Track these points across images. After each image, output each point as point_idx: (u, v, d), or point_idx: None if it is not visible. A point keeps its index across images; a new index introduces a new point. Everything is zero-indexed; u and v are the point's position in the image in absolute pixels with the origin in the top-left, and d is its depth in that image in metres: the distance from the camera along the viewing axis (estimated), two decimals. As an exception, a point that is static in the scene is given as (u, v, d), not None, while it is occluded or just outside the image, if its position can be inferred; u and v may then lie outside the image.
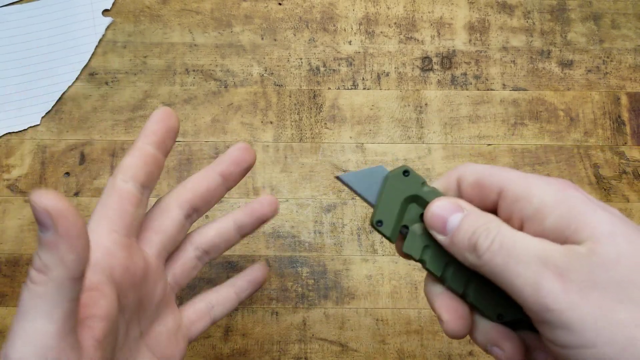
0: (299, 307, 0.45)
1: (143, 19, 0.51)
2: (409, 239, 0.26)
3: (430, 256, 0.26)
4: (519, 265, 0.21)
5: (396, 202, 0.26)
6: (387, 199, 0.27)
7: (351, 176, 0.28)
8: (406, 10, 0.52)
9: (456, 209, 0.24)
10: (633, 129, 0.49)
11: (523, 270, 0.21)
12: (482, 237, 0.22)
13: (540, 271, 0.20)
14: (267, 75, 0.50)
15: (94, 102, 0.49)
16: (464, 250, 0.23)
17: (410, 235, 0.26)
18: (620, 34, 0.51)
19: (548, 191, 0.22)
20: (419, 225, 0.26)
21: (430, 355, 0.44)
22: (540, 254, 0.21)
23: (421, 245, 0.26)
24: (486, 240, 0.22)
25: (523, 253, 0.21)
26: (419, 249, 0.26)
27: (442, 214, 0.24)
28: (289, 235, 0.46)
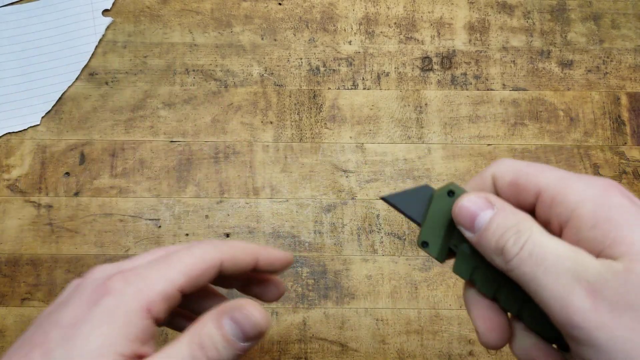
0: (299, 307, 0.45)
1: (143, 19, 0.51)
2: (458, 260, 0.25)
3: (481, 277, 0.25)
4: (547, 276, 0.20)
5: (442, 222, 0.26)
6: (433, 219, 0.26)
7: (397, 197, 0.27)
8: (406, 10, 0.52)
9: (487, 205, 0.23)
10: (633, 129, 0.49)
11: (552, 282, 0.20)
12: (510, 242, 0.21)
13: (571, 286, 0.19)
14: (267, 75, 0.50)
15: (94, 102, 0.49)
16: (491, 252, 0.22)
17: (459, 255, 0.25)
18: (620, 34, 0.51)
19: (588, 196, 0.21)
20: (467, 245, 0.25)
21: (430, 355, 0.44)
22: (572, 267, 0.20)
23: (470, 266, 0.25)
24: (515, 246, 0.21)
25: (553, 264, 0.20)
26: (468, 270, 0.25)
27: (472, 209, 0.23)
28: (289, 235, 0.46)
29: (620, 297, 0.19)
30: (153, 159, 0.48)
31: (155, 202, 0.47)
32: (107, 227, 0.46)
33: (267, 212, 0.47)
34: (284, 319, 0.45)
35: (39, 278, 0.45)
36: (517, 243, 0.21)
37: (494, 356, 0.44)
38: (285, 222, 0.47)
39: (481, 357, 0.44)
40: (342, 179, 0.48)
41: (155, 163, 0.48)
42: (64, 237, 0.46)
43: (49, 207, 0.47)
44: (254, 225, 0.47)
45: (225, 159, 0.48)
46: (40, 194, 0.47)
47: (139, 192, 0.47)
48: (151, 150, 0.48)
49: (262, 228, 0.47)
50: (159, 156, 0.48)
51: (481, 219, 0.23)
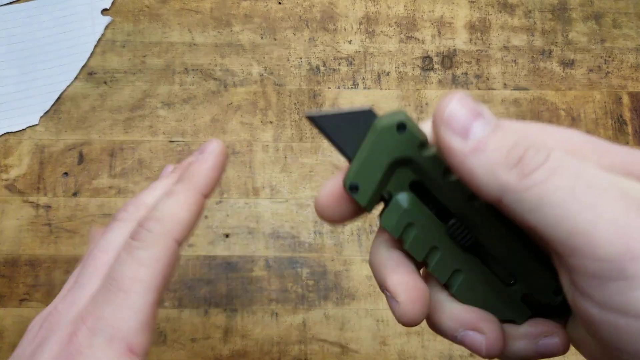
0: (299, 308, 0.45)
1: (142, 18, 0.51)
2: (390, 211, 0.21)
3: (413, 236, 0.21)
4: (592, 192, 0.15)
5: (381, 163, 0.20)
6: (370, 157, 0.20)
7: (328, 118, 0.21)
8: (407, 9, 0.51)
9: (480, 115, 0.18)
10: (635, 128, 0.49)
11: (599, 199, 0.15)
12: (531, 151, 0.16)
13: (625, 205, 0.15)
14: (267, 74, 0.50)
15: (92, 101, 0.49)
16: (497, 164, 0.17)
17: (392, 205, 0.21)
18: (622, 34, 0.51)
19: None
20: (406, 195, 0.21)
21: (431, 357, 0.44)
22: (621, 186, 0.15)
23: (404, 222, 0.21)
24: (538, 155, 0.16)
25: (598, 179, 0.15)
26: (400, 226, 0.21)
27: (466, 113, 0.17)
28: (288, 235, 0.46)
29: None
30: (152, 159, 0.48)
31: (154, 202, 0.47)
32: (106, 228, 0.46)
33: (266, 212, 0.47)
34: (283, 320, 0.45)
35: (37, 279, 0.45)
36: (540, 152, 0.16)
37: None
38: (285, 222, 0.46)
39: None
40: (343, 179, 0.47)
41: (154, 163, 0.48)
42: (62, 238, 0.46)
43: (48, 207, 0.46)
44: (253, 225, 0.46)
45: (224, 159, 0.48)
46: (38, 194, 0.47)
47: (138, 192, 0.47)
48: (150, 150, 0.48)
49: (261, 228, 0.46)
50: (158, 156, 0.48)
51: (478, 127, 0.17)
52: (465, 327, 0.21)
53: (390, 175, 0.20)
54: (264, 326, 0.44)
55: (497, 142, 0.17)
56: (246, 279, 0.45)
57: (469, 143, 0.17)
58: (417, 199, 0.21)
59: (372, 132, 0.20)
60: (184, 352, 0.44)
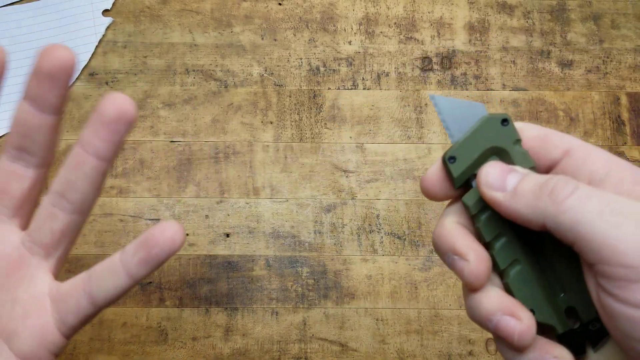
0: (299, 307, 0.45)
1: (143, 19, 0.51)
2: (474, 191, 0.24)
3: (485, 218, 0.24)
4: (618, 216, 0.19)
5: (480, 147, 0.24)
6: (473, 140, 0.24)
7: (446, 102, 0.24)
8: (406, 10, 0.52)
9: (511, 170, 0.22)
10: (633, 129, 0.49)
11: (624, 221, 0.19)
12: (560, 183, 0.20)
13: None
14: (267, 75, 0.50)
15: (94, 102, 0.49)
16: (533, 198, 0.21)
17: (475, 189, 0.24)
18: (620, 34, 0.51)
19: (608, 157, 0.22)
20: None
21: (430, 355, 0.44)
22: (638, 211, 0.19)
23: (482, 204, 0.23)
24: (567, 186, 0.20)
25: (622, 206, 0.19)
26: (477, 206, 0.24)
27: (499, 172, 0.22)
28: (289, 235, 0.47)
29: None
30: (153, 159, 0.48)
31: (155, 202, 0.47)
32: (107, 227, 0.46)
33: (267, 212, 0.47)
34: (283, 319, 0.45)
35: (39, 278, 0.45)
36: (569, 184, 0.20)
37: (493, 356, 0.44)
38: (285, 222, 0.47)
39: (481, 357, 0.44)
40: (342, 179, 0.48)
41: (155, 163, 0.48)
42: (64, 237, 0.46)
43: (49, 207, 0.47)
44: (254, 225, 0.47)
45: (225, 159, 0.48)
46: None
47: (139, 192, 0.47)
48: (151, 150, 0.48)
49: (262, 228, 0.47)
50: (159, 156, 0.48)
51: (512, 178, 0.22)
52: (504, 312, 0.22)
53: (484, 160, 0.24)
54: (265, 325, 0.45)
55: (529, 183, 0.21)
56: (247, 278, 0.46)
57: (507, 193, 0.22)
58: None
59: (481, 120, 0.24)
60: (184, 351, 0.44)
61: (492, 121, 0.24)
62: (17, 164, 0.25)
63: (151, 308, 0.45)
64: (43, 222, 0.25)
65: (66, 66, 0.23)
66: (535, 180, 0.21)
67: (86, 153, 0.24)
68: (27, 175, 0.25)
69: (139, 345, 0.44)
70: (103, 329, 0.44)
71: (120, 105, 0.23)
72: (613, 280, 0.19)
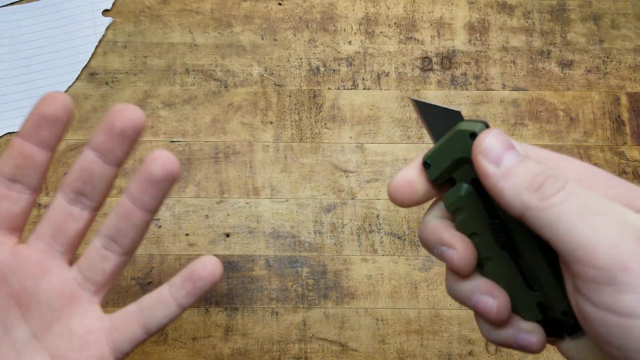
0: (299, 307, 0.45)
1: (143, 19, 0.51)
2: (451, 192, 0.25)
3: (461, 219, 0.25)
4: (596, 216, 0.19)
5: (452, 155, 0.25)
6: (445, 148, 0.25)
7: (426, 106, 0.25)
8: (406, 10, 0.52)
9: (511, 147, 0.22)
10: (633, 129, 0.49)
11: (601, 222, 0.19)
12: (551, 179, 0.21)
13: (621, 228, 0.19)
14: (267, 75, 0.50)
15: (94, 102, 0.49)
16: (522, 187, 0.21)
17: (453, 189, 0.25)
18: (620, 34, 0.51)
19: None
20: (466, 186, 0.25)
21: (430, 355, 0.44)
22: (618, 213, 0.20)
23: (458, 205, 0.25)
24: (556, 183, 0.20)
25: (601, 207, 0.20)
26: (454, 207, 0.25)
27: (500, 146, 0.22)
28: (289, 235, 0.47)
29: None
30: (153, 159, 0.48)
31: (155, 202, 0.47)
32: (107, 227, 0.46)
33: (267, 212, 0.47)
34: (283, 319, 0.45)
35: (39, 278, 0.45)
36: (558, 181, 0.20)
37: (493, 356, 0.44)
38: (285, 222, 0.47)
39: (481, 357, 0.44)
40: (342, 179, 0.48)
41: (155, 163, 0.48)
42: (64, 237, 0.46)
43: (49, 207, 0.47)
44: (254, 225, 0.47)
45: (225, 159, 0.48)
46: (40, 194, 0.47)
47: (139, 192, 0.47)
48: (151, 150, 0.48)
49: (262, 228, 0.47)
50: (159, 156, 0.48)
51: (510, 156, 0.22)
52: (482, 292, 0.24)
53: (458, 167, 0.25)
54: (265, 325, 0.45)
55: (523, 170, 0.21)
56: (247, 278, 0.46)
57: (500, 169, 0.22)
58: (474, 192, 0.25)
59: (452, 131, 0.25)
60: (184, 351, 0.44)
61: (461, 134, 0.24)
62: (74, 206, 0.27)
63: (151, 308, 0.45)
64: (95, 263, 0.28)
65: (137, 126, 0.26)
66: (530, 169, 0.21)
67: (135, 207, 0.27)
68: (82, 217, 0.28)
69: (139, 345, 0.44)
70: (103, 329, 0.44)
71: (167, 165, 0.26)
72: (587, 281, 0.20)
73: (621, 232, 0.19)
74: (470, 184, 0.25)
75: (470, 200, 0.25)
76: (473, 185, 0.25)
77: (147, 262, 0.46)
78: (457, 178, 0.25)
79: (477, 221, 0.25)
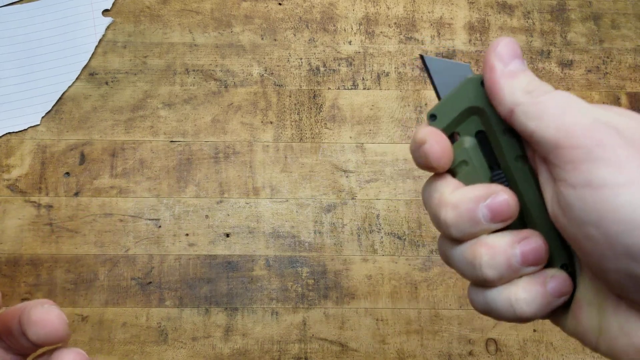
0: (299, 307, 0.45)
1: (143, 19, 0.51)
2: (454, 146, 0.26)
3: (465, 171, 0.26)
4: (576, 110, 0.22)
5: (461, 106, 0.25)
6: (454, 99, 0.25)
7: (434, 62, 0.26)
8: (406, 10, 0.52)
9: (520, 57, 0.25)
10: (633, 129, 0.49)
11: (579, 113, 0.21)
12: (544, 86, 0.23)
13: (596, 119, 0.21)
14: (267, 75, 0.50)
15: (94, 102, 0.49)
16: (517, 88, 0.23)
17: (457, 143, 0.26)
18: (620, 34, 0.51)
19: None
20: (470, 139, 0.26)
21: (430, 355, 0.44)
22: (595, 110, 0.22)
23: (461, 158, 0.25)
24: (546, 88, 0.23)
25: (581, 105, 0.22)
26: (457, 160, 0.26)
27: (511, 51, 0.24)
28: (289, 235, 0.46)
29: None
30: (153, 159, 0.48)
31: (155, 202, 0.47)
32: (107, 227, 0.46)
33: (267, 212, 0.47)
34: (283, 319, 0.45)
35: (39, 278, 0.45)
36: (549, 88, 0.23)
37: (494, 356, 0.44)
38: (285, 222, 0.47)
39: (481, 357, 0.44)
40: (342, 179, 0.48)
41: (155, 163, 0.48)
42: (64, 237, 0.46)
43: (49, 207, 0.47)
44: (254, 225, 0.47)
45: (225, 159, 0.48)
46: (40, 194, 0.47)
47: (139, 192, 0.47)
48: (151, 150, 0.48)
49: (262, 228, 0.47)
50: (159, 156, 0.48)
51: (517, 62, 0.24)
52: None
53: (464, 119, 0.25)
54: (265, 325, 0.45)
55: (524, 76, 0.24)
56: (246, 278, 0.46)
57: (507, 69, 0.24)
58: (477, 145, 0.26)
59: (462, 81, 0.25)
60: (184, 351, 0.44)
61: (472, 82, 0.25)
62: None
63: (151, 308, 0.45)
64: None
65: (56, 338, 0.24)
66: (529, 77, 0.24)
67: None
68: None
69: (138, 345, 0.44)
70: (103, 329, 0.44)
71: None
72: (566, 164, 0.21)
73: (596, 120, 0.21)
74: (474, 137, 0.26)
75: (474, 152, 0.25)
76: (477, 139, 0.26)
77: (147, 262, 0.46)
78: (461, 132, 0.26)
79: (480, 174, 0.25)
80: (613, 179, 0.20)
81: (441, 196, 0.25)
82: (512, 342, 0.44)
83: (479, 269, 0.24)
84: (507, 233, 0.24)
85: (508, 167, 0.25)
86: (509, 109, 0.23)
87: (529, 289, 0.24)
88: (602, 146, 0.20)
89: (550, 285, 0.24)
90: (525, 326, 0.45)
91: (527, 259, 0.24)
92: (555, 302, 0.24)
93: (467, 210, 0.24)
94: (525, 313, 0.24)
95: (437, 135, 0.25)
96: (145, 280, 0.45)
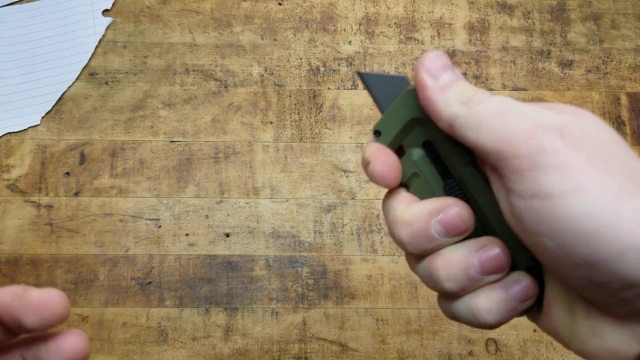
0: (299, 307, 0.45)
1: (143, 19, 0.51)
2: (403, 159, 0.25)
3: (417, 184, 0.25)
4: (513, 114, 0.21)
5: (403, 118, 0.25)
6: (395, 113, 0.25)
7: (373, 77, 0.26)
8: (406, 10, 0.52)
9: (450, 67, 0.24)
10: (633, 128, 0.49)
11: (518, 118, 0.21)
12: (477, 94, 0.22)
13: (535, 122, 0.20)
14: (267, 75, 0.50)
15: (94, 102, 0.49)
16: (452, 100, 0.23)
17: (405, 156, 0.25)
18: (620, 34, 0.51)
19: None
20: (418, 150, 0.25)
21: (430, 355, 0.44)
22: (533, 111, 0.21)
23: (412, 171, 0.25)
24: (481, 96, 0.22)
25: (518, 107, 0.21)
26: (408, 173, 0.25)
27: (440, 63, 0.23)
28: (289, 235, 0.47)
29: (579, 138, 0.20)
30: (153, 159, 0.48)
31: (155, 202, 0.47)
32: (107, 227, 0.46)
33: (267, 212, 0.47)
34: (283, 319, 0.45)
35: (39, 278, 0.45)
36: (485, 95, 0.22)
37: (493, 356, 0.44)
38: (285, 222, 0.47)
39: (481, 357, 0.44)
40: (342, 179, 0.48)
41: (155, 163, 0.48)
42: (64, 237, 0.46)
43: (49, 207, 0.47)
44: (254, 225, 0.47)
45: (225, 159, 0.48)
46: (40, 194, 0.47)
47: (139, 192, 0.47)
48: (151, 150, 0.48)
49: (262, 228, 0.47)
50: (159, 156, 0.48)
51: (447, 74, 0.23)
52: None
53: (409, 131, 0.25)
54: (265, 325, 0.45)
55: (457, 86, 0.23)
56: (246, 278, 0.46)
57: (438, 83, 0.23)
58: (426, 156, 0.25)
59: (403, 94, 0.25)
60: (184, 351, 0.44)
61: (409, 94, 0.25)
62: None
63: (151, 308, 0.45)
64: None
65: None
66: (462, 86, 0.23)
67: None
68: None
69: (139, 345, 0.44)
70: (103, 329, 0.44)
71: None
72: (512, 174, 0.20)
73: (535, 124, 0.20)
74: (422, 148, 0.25)
75: (424, 164, 0.25)
76: (425, 150, 0.25)
77: (147, 262, 0.46)
78: (408, 145, 0.25)
79: (432, 185, 0.25)
80: (559, 187, 0.19)
81: (394, 214, 0.24)
82: (512, 342, 0.44)
83: (439, 283, 0.23)
84: (465, 243, 0.24)
85: (460, 175, 0.25)
86: (448, 123, 0.22)
87: (491, 297, 0.23)
88: (544, 152, 0.19)
89: (513, 290, 0.23)
90: (526, 326, 0.45)
91: (486, 268, 0.23)
92: (520, 306, 0.23)
93: (419, 229, 0.23)
94: (488, 321, 0.23)
95: (382, 153, 0.25)
96: (145, 280, 0.45)
